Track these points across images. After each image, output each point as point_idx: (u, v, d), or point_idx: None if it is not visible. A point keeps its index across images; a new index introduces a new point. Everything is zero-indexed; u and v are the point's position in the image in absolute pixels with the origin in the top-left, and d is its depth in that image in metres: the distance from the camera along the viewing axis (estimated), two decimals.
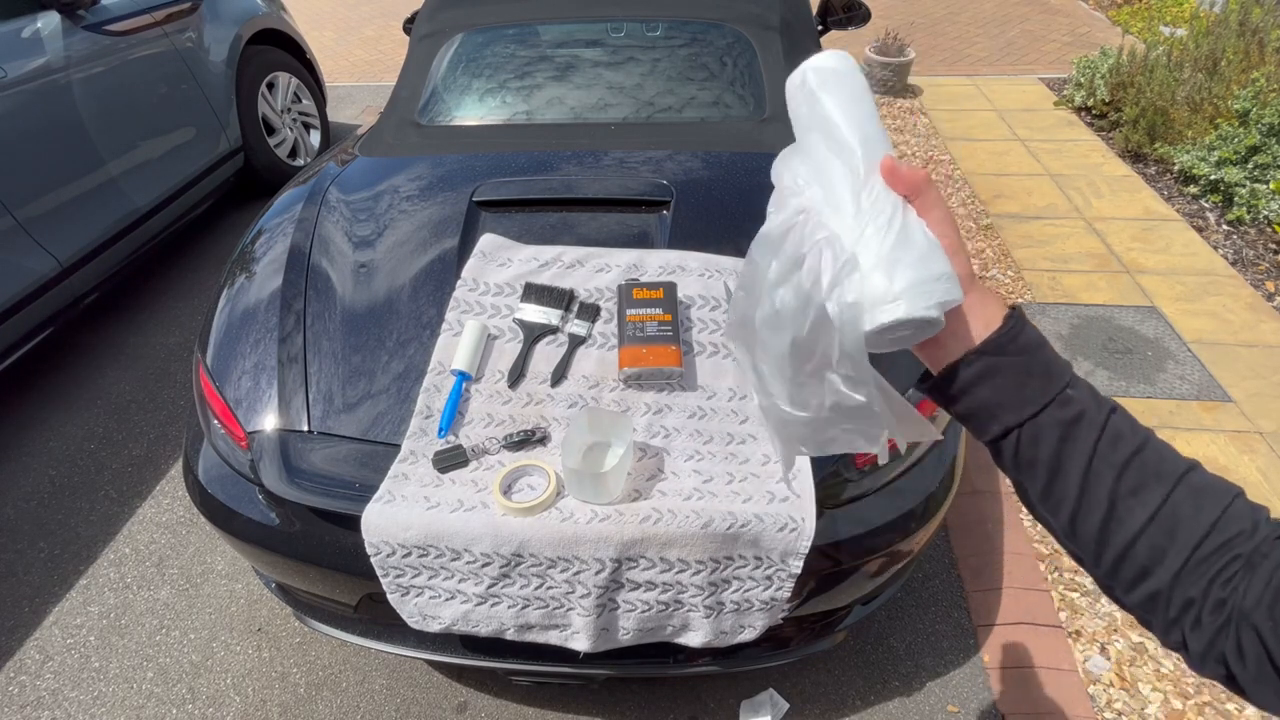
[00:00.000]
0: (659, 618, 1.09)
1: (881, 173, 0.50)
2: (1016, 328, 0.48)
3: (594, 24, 1.99)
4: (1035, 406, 0.47)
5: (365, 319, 1.33)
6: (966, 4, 5.89)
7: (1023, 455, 0.49)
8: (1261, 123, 3.06)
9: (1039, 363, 0.48)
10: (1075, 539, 0.48)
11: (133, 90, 2.70)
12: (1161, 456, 0.46)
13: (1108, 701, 1.53)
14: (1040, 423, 0.47)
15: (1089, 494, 0.46)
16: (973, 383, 0.49)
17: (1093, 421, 0.47)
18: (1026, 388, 0.48)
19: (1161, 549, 0.44)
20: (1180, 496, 0.44)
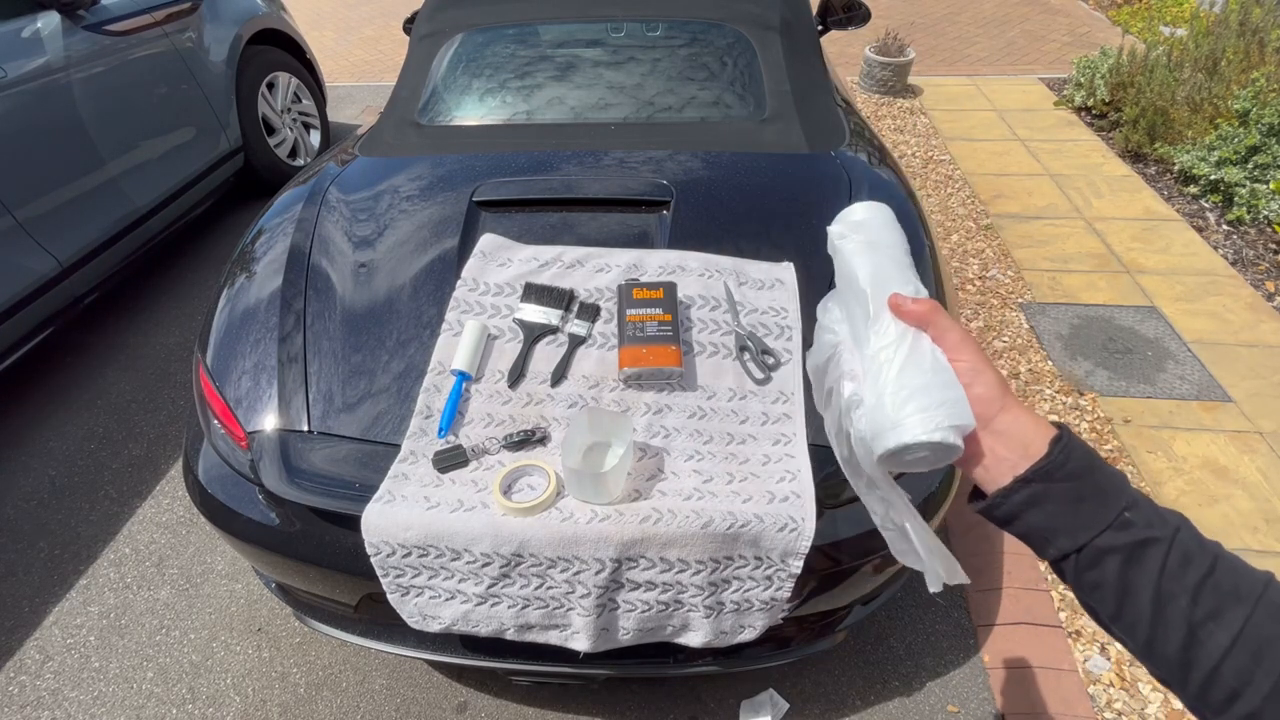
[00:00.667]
0: (659, 618, 1.08)
1: (889, 307, 0.54)
2: (1064, 453, 0.47)
3: (594, 24, 1.99)
4: (1091, 532, 0.46)
5: (365, 319, 1.33)
6: (966, 4, 5.89)
7: (1085, 579, 0.48)
8: (1261, 123, 3.05)
9: (1090, 486, 0.47)
10: (1155, 661, 0.46)
11: (133, 90, 2.70)
12: (1237, 573, 0.45)
13: (1108, 701, 1.53)
14: (1099, 547, 0.46)
15: (1163, 619, 0.45)
16: (1022, 508, 0.48)
17: (1160, 542, 0.45)
18: (1080, 513, 0.47)
19: (1249, 670, 0.42)
20: (1261, 617, 0.43)
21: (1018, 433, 0.49)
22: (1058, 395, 2.26)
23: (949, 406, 0.49)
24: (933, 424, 0.48)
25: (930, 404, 0.49)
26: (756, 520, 1.02)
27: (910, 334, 0.53)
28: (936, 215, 3.22)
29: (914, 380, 0.50)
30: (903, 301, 0.53)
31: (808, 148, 1.64)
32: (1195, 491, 1.94)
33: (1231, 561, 0.46)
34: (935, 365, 0.51)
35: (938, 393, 0.49)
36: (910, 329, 0.53)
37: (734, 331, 1.27)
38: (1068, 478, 0.47)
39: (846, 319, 0.59)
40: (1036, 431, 0.49)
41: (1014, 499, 0.48)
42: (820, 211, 1.47)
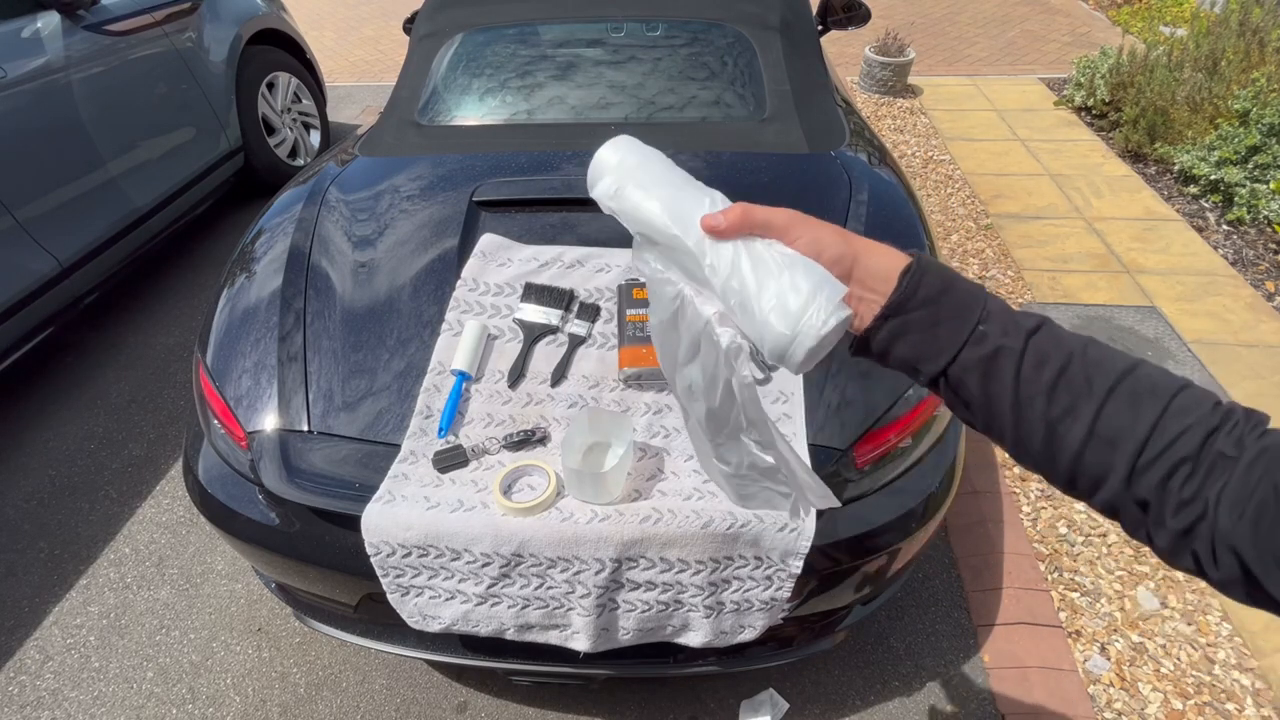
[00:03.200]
0: (659, 618, 1.09)
1: (706, 232, 0.51)
2: (914, 282, 0.48)
3: (594, 24, 1.99)
4: (950, 353, 0.48)
5: (365, 319, 1.33)
6: (966, 4, 5.89)
7: (957, 396, 0.50)
8: (1261, 123, 3.05)
9: (946, 309, 0.48)
10: (1024, 459, 0.49)
11: (133, 90, 2.70)
12: (1094, 367, 0.46)
13: (1108, 701, 1.53)
14: (961, 365, 0.48)
15: (1024, 421, 0.47)
16: (888, 343, 0.50)
17: (1010, 351, 0.47)
18: (938, 337, 0.48)
19: (1107, 461, 0.44)
20: (1112, 408, 0.44)
21: (876, 272, 0.50)
22: None
23: (823, 291, 0.48)
24: (823, 316, 0.47)
25: (806, 299, 0.48)
26: (756, 520, 1.02)
27: (742, 247, 0.51)
28: (936, 215, 3.22)
29: (775, 286, 0.49)
30: (714, 221, 0.51)
31: (808, 148, 1.64)
32: None
33: (1093, 355, 0.47)
34: (782, 262, 0.49)
35: (804, 284, 0.48)
36: (737, 242, 0.51)
37: None
38: (921, 305, 0.48)
39: (674, 266, 0.55)
40: (891, 266, 0.49)
41: (879, 336, 0.50)
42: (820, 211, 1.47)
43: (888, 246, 0.51)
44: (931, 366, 0.49)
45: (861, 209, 1.46)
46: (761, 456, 0.57)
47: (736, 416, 0.55)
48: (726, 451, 0.61)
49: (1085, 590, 1.73)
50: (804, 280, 0.48)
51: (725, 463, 0.62)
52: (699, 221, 0.51)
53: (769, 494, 0.62)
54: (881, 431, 1.16)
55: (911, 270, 0.49)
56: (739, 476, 0.62)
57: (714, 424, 0.58)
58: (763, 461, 0.57)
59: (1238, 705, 1.51)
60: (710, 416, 0.57)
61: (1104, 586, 1.74)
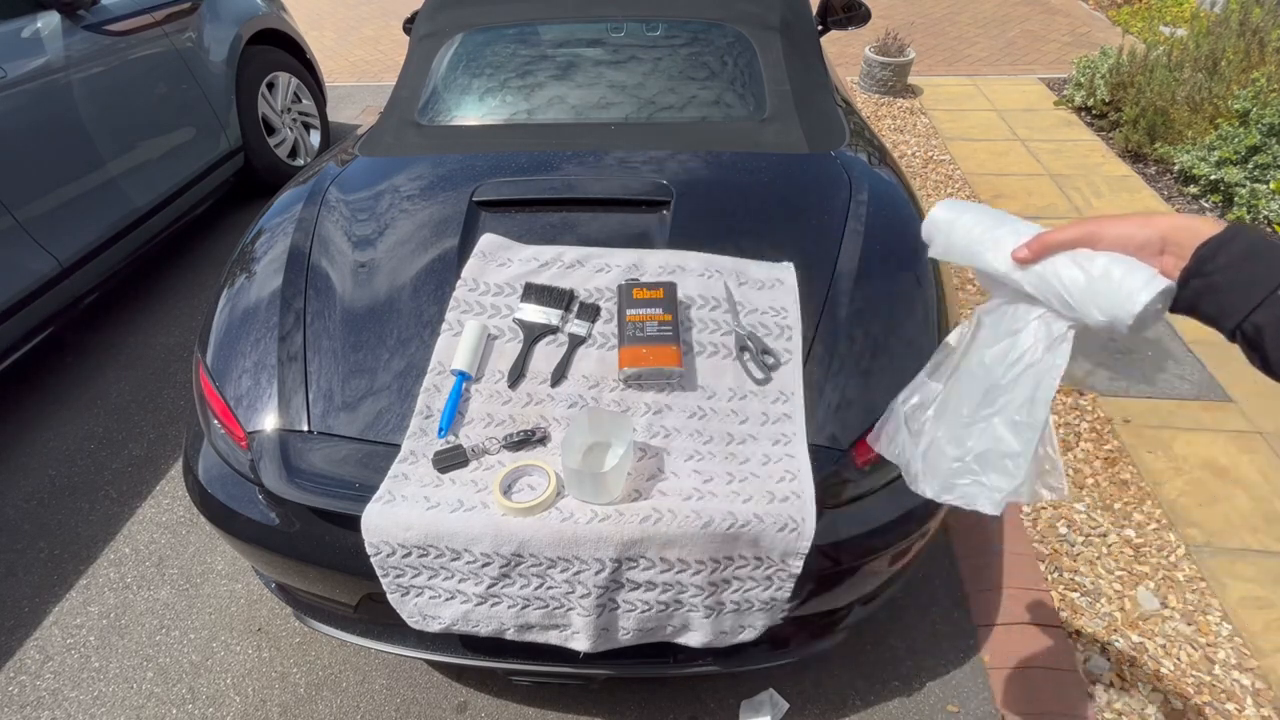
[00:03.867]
0: (659, 618, 1.09)
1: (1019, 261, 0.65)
2: (1209, 251, 0.56)
3: (594, 24, 1.99)
4: (1243, 313, 0.54)
5: (365, 319, 1.33)
6: (966, 4, 5.89)
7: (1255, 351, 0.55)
8: (1261, 123, 3.05)
9: (1245, 275, 0.55)
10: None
11: (133, 90, 2.70)
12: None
13: (1108, 701, 1.53)
14: (1253, 323, 0.54)
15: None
16: (1195, 301, 0.58)
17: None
18: (1234, 299, 0.55)
19: None
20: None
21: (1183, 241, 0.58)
22: (1057, 395, 2.26)
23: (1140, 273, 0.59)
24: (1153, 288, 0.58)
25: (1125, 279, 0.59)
26: (756, 520, 1.02)
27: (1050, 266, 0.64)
28: None
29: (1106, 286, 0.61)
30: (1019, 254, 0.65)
31: (808, 148, 1.64)
32: (1195, 491, 1.94)
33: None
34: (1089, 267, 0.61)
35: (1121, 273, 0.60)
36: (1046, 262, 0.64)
37: (734, 331, 1.27)
38: (1219, 270, 0.55)
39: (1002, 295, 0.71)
40: (1197, 234, 0.57)
41: (1185, 295, 0.58)
42: (820, 211, 1.47)
43: (1196, 218, 0.59)
44: (1227, 323, 0.56)
45: (861, 209, 1.46)
46: (1008, 439, 0.68)
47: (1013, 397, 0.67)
48: (969, 434, 0.71)
49: (1085, 590, 1.73)
50: (1133, 278, 0.59)
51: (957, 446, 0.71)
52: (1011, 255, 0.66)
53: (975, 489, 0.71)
54: None
55: (1211, 240, 0.56)
56: (960, 463, 0.71)
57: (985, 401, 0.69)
58: (1003, 445, 0.68)
59: (1238, 705, 1.51)
60: (986, 394, 0.69)
61: (1104, 586, 1.74)
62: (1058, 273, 0.63)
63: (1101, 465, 2.03)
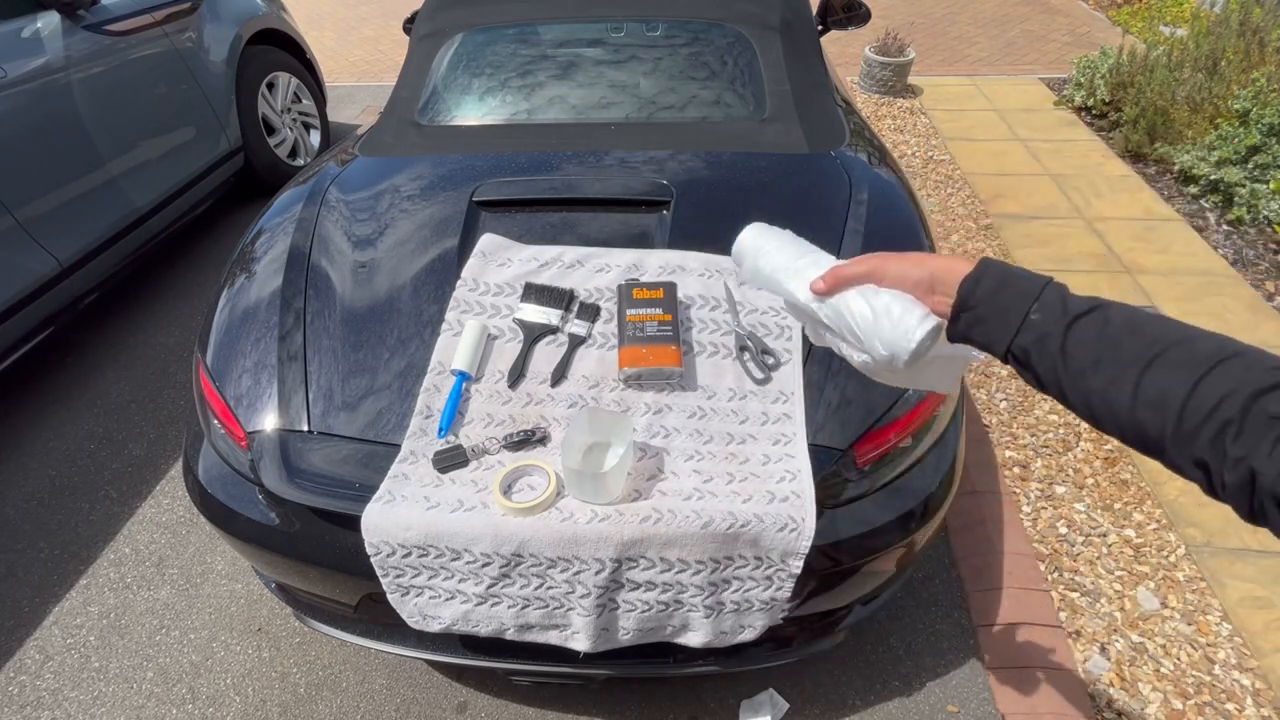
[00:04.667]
0: (659, 618, 1.09)
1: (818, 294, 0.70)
2: (970, 286, 0.60)
3: (594, 24, 1.99)
4: (1007, 338, 0.58)
5: (365, 319, 1.33)
6: (966, 4, 5.89)
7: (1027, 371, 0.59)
8: (1261, 122, 3.05)
9: (1001, 304, 0.59)
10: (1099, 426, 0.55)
11: (133, 90, 2.69)
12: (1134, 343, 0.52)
13: (1108, 701, 1.53)
14: (1018, 347, 0.57)
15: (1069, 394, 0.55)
16: (967, 331, 0.62)
17: (1053, 337, 0.55)
18: (996, 327, 0.59)
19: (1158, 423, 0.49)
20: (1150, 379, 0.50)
21: (948, 280, 0.62)
22: None
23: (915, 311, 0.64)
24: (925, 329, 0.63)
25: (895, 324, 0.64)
26: (756, 520, 1.02)
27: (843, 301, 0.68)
28: (936, 215, 3.22)
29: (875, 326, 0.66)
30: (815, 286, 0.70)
31: (808, 148, 1.64)
32: (1195, 491, 1.93)
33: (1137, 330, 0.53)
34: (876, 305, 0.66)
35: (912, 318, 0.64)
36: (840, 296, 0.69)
37: (734, 331, 1.27)
38: (979, 302, 0.60)
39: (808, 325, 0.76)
40: (959, 273, 0.62)
41: (958, 328, 0.62)
42: (821, 211, 1.47)
43: (956, 259, 0.64)
44: (998, 349, 0.59)
45: (861, 209, 1.46)
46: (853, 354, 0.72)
47: None
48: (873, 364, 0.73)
49: (1085, 590, 1.73)
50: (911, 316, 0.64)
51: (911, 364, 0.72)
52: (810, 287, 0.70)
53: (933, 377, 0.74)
54: (882, 431, 1.16)
55: (969, 277, 0.61)
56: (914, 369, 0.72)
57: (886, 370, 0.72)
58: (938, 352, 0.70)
59: (1238, 705, 1.51)
60: None
61: (1104, 586, 1.74)
62: (849, 306, 0.67)
63: (1101, 465, 2.03)
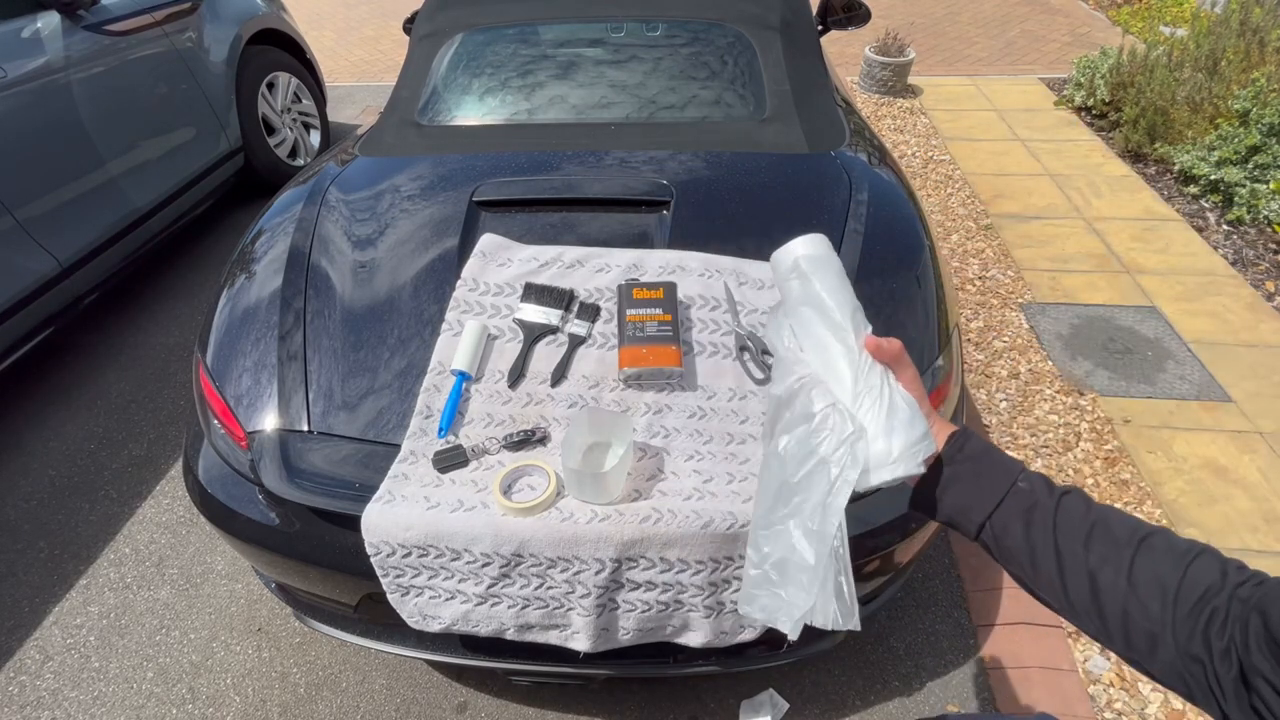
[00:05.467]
0: (659, 618, 1.08)
1: (868, 349, 0.62)
2: (960, 441, 0.59)
3: (594, 24, 1.99)
4: (994, 500, 0.56)
5: (365, 319, 1.33)
6: (966, 4, 5.89)
7: (1001, 546, 0.56)
8: (1262, 122, 3.05)
9: (986, 465, 0.58)
10: (1079, 618, 0.53)
11: (133, 90, 2.70)
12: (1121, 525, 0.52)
13: (1108, 701, 1.53)
14: (1003, 513, 0.55)
15: (1068, 571, 0.52)
16: (941, 493, 0.59)
17: (1044, 507, 0.54)
18: (982, 488, 0.57)
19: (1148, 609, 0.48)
20: (1143, 560, 0.49)
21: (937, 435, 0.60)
22: (1058, 395, 2.26)
23: (926, 440, 0.58)
24: (919, 458, 0.58)
25: (915, 439, 0.58)
26: None
27: (885, 376, 0.62)
28: (936, 215, 3.22)
29: (897, 420, 0.59)
30: (878, 344, 0.62)
31: (808, 148, 1.63)
32: (1195, 491, 1.94)
33: (1117, 517, 0.53)
34: (908, 404, 0.60)
35: (918, 428, 0.59)
36: (883, 369, 0.62)
37: (734, 331, 1.27)
38: (965, 460, 0.58)
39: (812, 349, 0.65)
40: (941, 431, 0.60)
41: (930, 485, 0.59)
42: (820, 211, 1.47)
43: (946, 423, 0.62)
44: (978, 514, 0.56)
45: (861, 209, 1.46)
46: (801, 549, 0.61)
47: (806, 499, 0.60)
48: (765, 539, 0.64)
49: None
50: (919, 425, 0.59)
51: (755, 549, 0.65)
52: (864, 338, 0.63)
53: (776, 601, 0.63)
54: None
55: (959, 435, 0.59)
56: (758, 571, 0.64)
57: (778, 501, 0.62)
58: (795, 555, 0.61)
59: None
60: (780, 492, 0.62)
61: None
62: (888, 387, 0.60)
63: (1101, 465, 2.03)
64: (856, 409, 0.60)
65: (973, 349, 2.47)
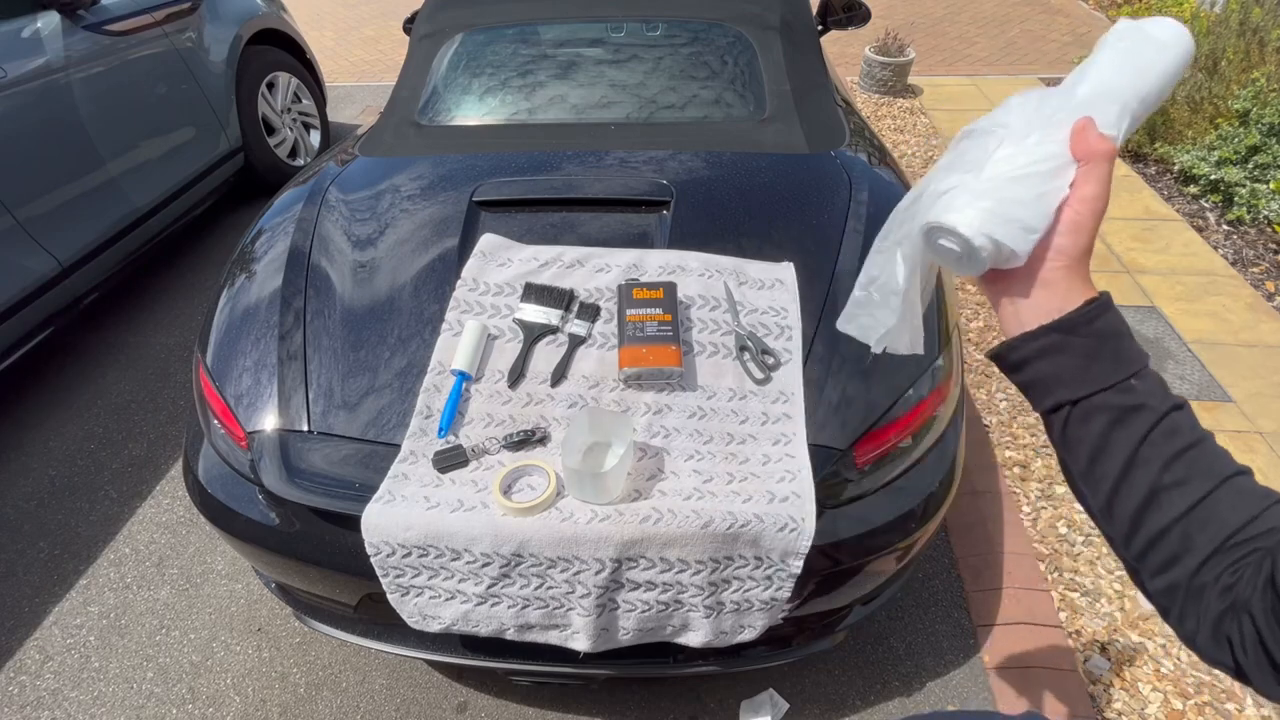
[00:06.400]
0: (659, 618, 1.09)
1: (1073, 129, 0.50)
2: (1095, 312, 0.48)
3: (594, 24, 1.99)
4: (1093, 388, 0.47)
5: (365, 320, 1.33)
6: (966, 4, 5.89)
7: (1070, 432, 0.49)
8: (1261, 122, 3.05)
9: (1110, 350, 0.48)
10: (1110, 520, 0.49)
11: (133, 90, 2.69)
12: (1215, 457, 0.47)
13: (1108, 701, 1.53)
14: (1094, 403, 0.48)
15: (1129, 480, 0.47)
16: (1036, 356, 0.49)
17: (1152, 411, 0.47)
18: (1090, 370, 0.48)
19: (1191, 538, 0.45)
20: (1223, 494, 0.45)
21: (1064, 289, 0.49)
22: None
23: (1015, 227, 0.47)
24: (987, 231, 0.47)
25: (1004, 216, 0.47)
26: (756, 520, 1.02)
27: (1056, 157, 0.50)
28: None
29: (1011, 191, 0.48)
30: (1088, 130, 0.50)
31: (808, 148, 1.64)
32: None
33: (1216, 449, 0.47)
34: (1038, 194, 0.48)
35: (1020, 212, 0.48)
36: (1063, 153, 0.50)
37: (734, 331, 1.27)
38: (1092, 335, 0.48)
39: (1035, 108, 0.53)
40: (1082, 291, 0.49)
41: (1033, 344, 0.49)
42: (820, 211, 1.47)
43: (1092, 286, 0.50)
44: (1068, 393, 0.48)
45: (861, 209, 1.46)
46: (897, 276, 0.57)
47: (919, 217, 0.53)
48: (874, 262, 0.60)
49: (1085, 590, 1.73)
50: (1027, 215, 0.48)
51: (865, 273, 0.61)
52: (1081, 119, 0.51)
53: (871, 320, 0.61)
54: (882, 431, 1.16)
55: (1098, 302, 0.48)
56: (863, 292, 0.62)
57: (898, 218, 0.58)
58: (895, 282, 0.57)
59: (1238, 705, 1.51)
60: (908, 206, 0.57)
61: (1104, 586, 1.74)
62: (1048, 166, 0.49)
63: None
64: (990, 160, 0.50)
65: (973, 349, 2.47)
